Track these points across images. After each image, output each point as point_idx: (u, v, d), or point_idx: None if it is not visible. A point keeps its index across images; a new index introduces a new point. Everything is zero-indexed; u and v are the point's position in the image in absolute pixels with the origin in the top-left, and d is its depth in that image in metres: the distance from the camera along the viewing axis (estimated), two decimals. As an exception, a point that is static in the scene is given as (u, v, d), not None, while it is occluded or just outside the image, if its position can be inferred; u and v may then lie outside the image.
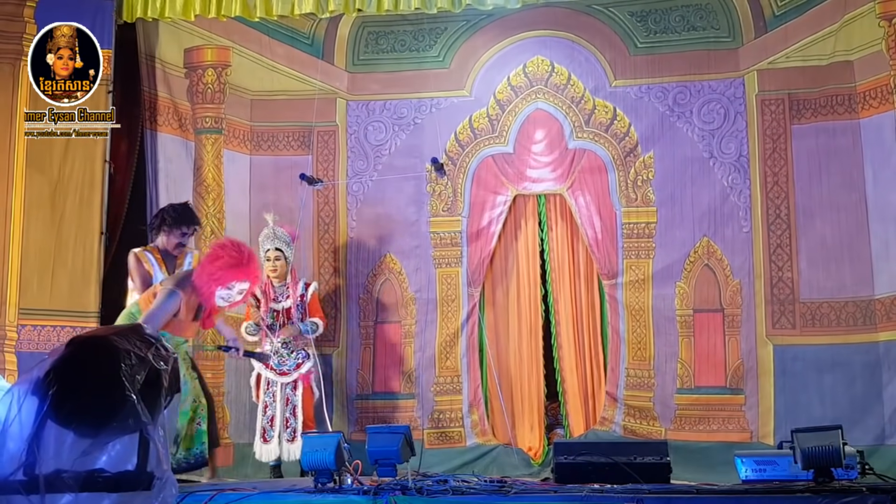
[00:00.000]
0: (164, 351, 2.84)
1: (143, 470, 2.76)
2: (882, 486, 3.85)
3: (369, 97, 6.68)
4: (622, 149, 6.35)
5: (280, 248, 5.98)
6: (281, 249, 5.98)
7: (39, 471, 2.67)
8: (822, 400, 5.86)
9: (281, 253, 5.98)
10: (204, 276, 4.91)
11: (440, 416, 6.32)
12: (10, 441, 2.71)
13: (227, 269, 4.94)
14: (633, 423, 6.10)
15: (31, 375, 2.74)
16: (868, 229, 5.92)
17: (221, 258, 4.96)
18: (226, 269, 4.94)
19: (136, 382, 2.71)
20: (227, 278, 4.96)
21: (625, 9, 6.47)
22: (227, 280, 4.97)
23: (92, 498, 2.68)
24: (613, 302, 6.25)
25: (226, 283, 4.98)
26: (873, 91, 5.95)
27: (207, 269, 4.92)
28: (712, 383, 6.09)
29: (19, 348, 6.06)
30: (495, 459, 6.15)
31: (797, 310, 6.01)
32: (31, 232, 6.20)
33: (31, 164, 6.25)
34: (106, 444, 2.75)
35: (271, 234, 6.00)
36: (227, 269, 4.94)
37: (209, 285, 4.93)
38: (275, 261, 5.98)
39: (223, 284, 4.98)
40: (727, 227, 6.18)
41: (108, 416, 2.70)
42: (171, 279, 5.24)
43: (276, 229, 6.00)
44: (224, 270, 4.94)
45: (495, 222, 6.43)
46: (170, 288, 5.05)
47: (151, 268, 5.56)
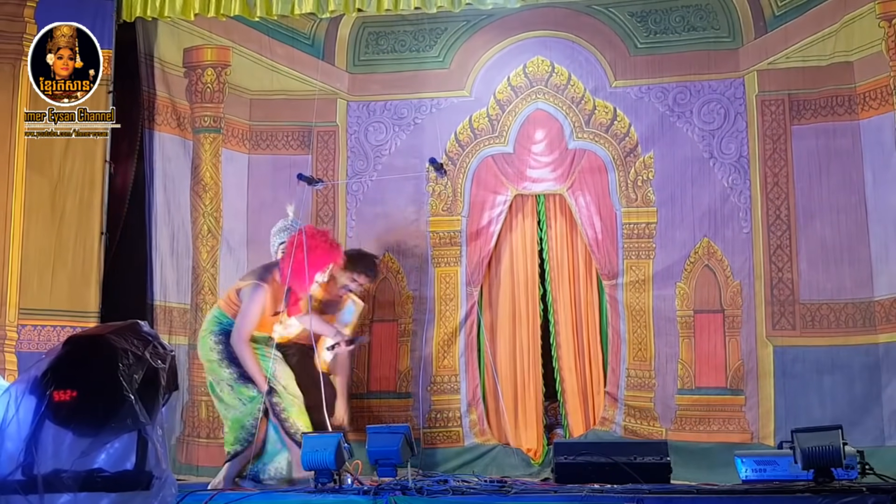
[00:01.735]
0: (161, 349, 2.84)
1: (141, 469, 2.77)
2: (882, 486, 3.85)
3: (370, 98, 6.67)
4: (622, 149, 6.34)
5: None
6: None
7: (38, 471, 2.66)
8: (822, 401, 5.84)
9: None
10: (300, 263, 5.06)
11: (437, 416, 6.31)
12: (8, 441, 2.71)
13: (325, 253, 5.23)
14: (634, 424, 6.09)
15: (29, 375, 2.74)
16: (868, 231, 5.90)
17: (317, 244, 5.20)
18: (324, 253, 5.22)
19: (133, 382, 2.71)
20: (325, 262, 5.23)
21: (625, 9, 6.45)
22: (324, 264, 5.24)
23: (91, 498, 2.68)
24: (614, 302, 6.25)
25: (324, 266, 5.24)
26: (873, 92, 5.93)
27: (312, 258, 5.14)
28: (713, 384, 6.07)
29: (19, 348, 6.06)
30: (494, 459, 6.14)
31: (797, 311, 6.00)
32: (31, 232, 6.20)
33: (31, 165, 6.25)
34: (104, 444, 2.75)
35: (290, 226, 5.84)
36: (324, 253, 5.23)
37: (310, 270, 5.15)
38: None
39: (321, 269, 5.22)
40: (727, 228, 6.17)
41: (107, 415, 2.70)
42: (252, 274, 5.38)
43: (294, 221, 5.86)
44: (322, 255, 5.20)
45: (495, 222, 6.42)
46: (254, 282, 5.20)
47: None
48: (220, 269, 6.47)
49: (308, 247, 5.19)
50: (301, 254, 5.12)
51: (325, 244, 5.36)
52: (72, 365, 2.74)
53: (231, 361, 5.26)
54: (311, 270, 5.18)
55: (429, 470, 5.77)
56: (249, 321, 5.22)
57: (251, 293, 5.21)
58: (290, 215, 5.90)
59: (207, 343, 5.35)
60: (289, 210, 5.91)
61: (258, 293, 5.20)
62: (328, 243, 5.41)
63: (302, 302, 5.43)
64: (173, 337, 6.35)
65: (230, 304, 5.36)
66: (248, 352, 5.21)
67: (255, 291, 5.20)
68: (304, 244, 5.19)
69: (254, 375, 5.21)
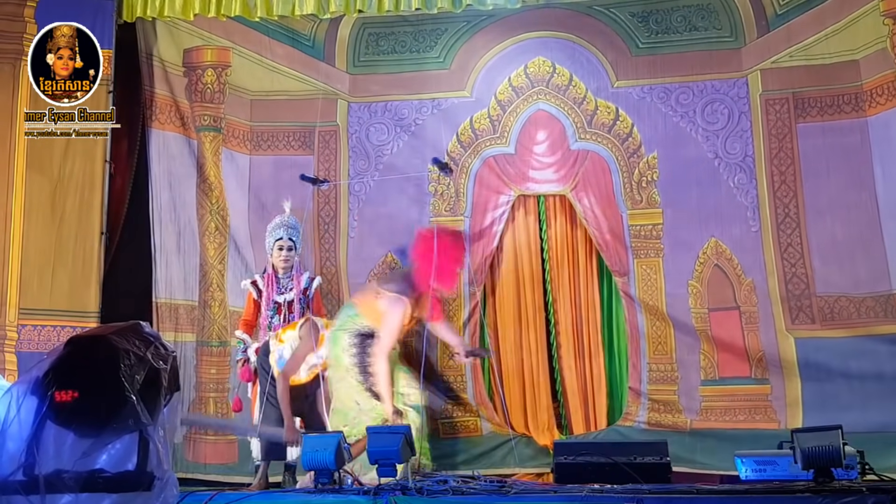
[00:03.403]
0: (163, 350, 2.84)
1: (143, 470, 2.77)
2: (882, 487, 3.85)
3: (370, 99, 6.66)
4: (625, 150, 6.34)
5: (293, 239, 5.82)
6: (294, 240, 5.83)
7: (39, 471, 2.66)
8: (851, 385, 5.78)
9: (293, 243, 5.83)
10: (441, 266, 5.11)
11: (452, 409, 6.29)
12: (10, 441, 2.71)
13: (454, 247, 5.26)
14: (659, 417, 6.06)
15: (31, 375, 2.74)
16: (880, 225, 5.88)
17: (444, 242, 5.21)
18: (453, 247, 5.25)
19: (135, 382, 2.71)
20: (459, 255, 5.27)
21: (626, 9, 6.45)
22: (459, 257, 5.29)
23: (92, 498, 2.68)
24: (628, 298, 6.23)
25: (460, 260, 5.30)
26: (880, 88, 5.93)
27: (446, 257, 5.16)
28: (737, 374, 6.05)
29: (19, 348, 6.06)
30: (511, 450, 6.07)
31: (814, 304, 5.95)
32: (31, 232, 6.19)
33: (31, 165, 6.24)
34: (106, 445, 2.74)
35: (286, 222, 5.84)
36: (454, 247, 5.25)
37: (451, 271, 5.20)
38: (287, 250, 5.80)
39: (459, 263, 5.29)
40: (735, 227, 6.15)
41: (108, 416, 2.70)
42: (392, 282, 5.35)
43: (290, 218, 5.87)
44: (453, 250, 5.24)
45: (498, 222, 6.41)
46: (395, 295, 5.20)
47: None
48: (227, 267, 6.47)
49: (438, 248, 5.18)
50: (435, 258, 5.10)
51: (449, 238, 5.34)
52: (73, 365, 2.74)
53: (364, 370, 5.23)
54: (451, 268, 5.19)
55: (445, 460, 5.78)
56: (393, 337, 5.20)
57: (393, 306, 5.18)
58: (286, 211, 5.89)
59: (342, 342, 5.30)
60: (285, 206, 5.91)
61: (400, 308, 5.18)
62: (450, 236, 5.38)
63: (440, 307, 5.45)
64: (179, 334, 6.33)
65: (371, 309, 5.30)
66: (386, 368, 5.15)
67: (398, 305, 5.18)
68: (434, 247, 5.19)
69: (383, 394, 5.16)
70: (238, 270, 6.40)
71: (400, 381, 5.34)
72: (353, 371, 5.27)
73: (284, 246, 5.80)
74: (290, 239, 5.81)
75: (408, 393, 5.31)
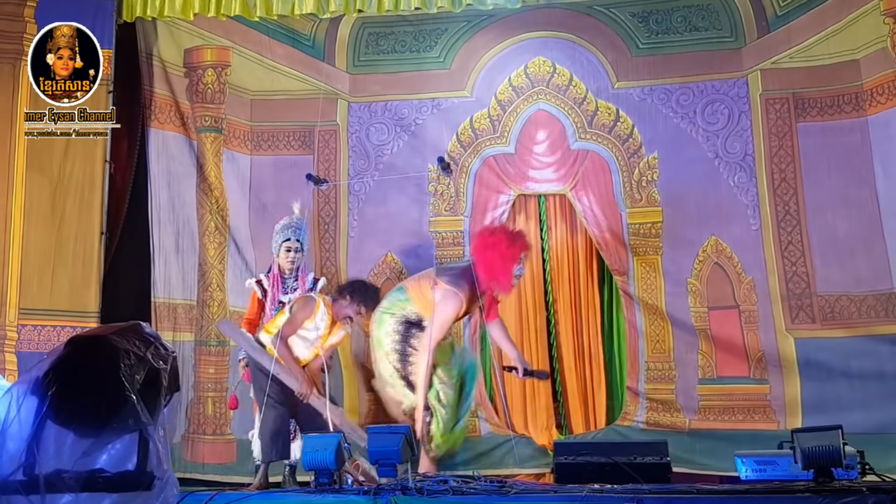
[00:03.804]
0: (163, 350, 2.84)
1: (143, 470, 2.76)
2: (882, 487, 3.84)
3: (370, 98, 6.66)
4: (626, 150, 6.34)
5: (300, 240, 5.81)
6: (301, 241, 5.81)
7: (39, 471, 2.66)
8: (851, 384, 5.79)
9: (300, 245, 5.81)
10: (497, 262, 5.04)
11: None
12: (10, 441, 2.71)
13: (511, 246, 5.13)
14: (657, 416, 6.07)
15: (31, 375, 2.73)
16: (881, 224, 5.88)
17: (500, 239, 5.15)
18: (510, 245, 5.13)
19: (135, 382, 2.70)
20: (516, 253, 5.14)
21: (626, 9, 6.45)
22: (517, 255, 5.15)
23: (92, 498, 2.68)
24: (627, 297, 6.23)
25: (517, 257, 5.15)
26: (880, 87, 5.93)
27: (501, 255, 5.07)
28: (735, 373, 6.05)
29: (19, 348, 6.06)
30: (511, 450, 6.07)
31: (815, 303, 5.96)
32: (31, 232, 6.19)
33: (31, 165, 6.25)
34: (106, 444, 2.74)
35: (294, 224, 5.82)
36: (511, 245, 5.13)
37: (506, 270, 5.08)
38: (295, 252, 5.78)
39: (515, 261, 5.14)
40: (735, 226, 6.15)
41: (108, 415, 2.70)
42: (448, 275, 5.23)
43: (298, 220, 5.84)
44: (510, 248, 5.12)
45: (497, 221, 6.41)
46: (451, 289, 5.11)
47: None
48: (227, 266, 6.47)
49: (492, 245, 5.13)
50: (491, 255, 5.04)
51: (507, 236, 5.26)
52: (73, 365, 2.74)
53: (404, 358, 5.20)
54: (506, 266, 5.09)
55: (444, 461, 5.76)
56: (442, 331, 5.12)
57: (447, 300, 5.09)
58: (295, 212, 5.88)
59: (387, 325, 5.26)
60: (294, 208, 5.89)
61: (454, 302, 5.10)
62: (508, 234, 5.31)
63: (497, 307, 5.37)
64: (177, 334, 6.34)
65: (422, 297, 5.22)
66: (428, 361, 5.08)
67: (452, 300, 5.09)
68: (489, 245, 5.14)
69: (418, 386, 5.12)
70: (238, 270, 6.40)
71: (440, 376, 5.23)
72: (392, 356, 5.23)
73: (292, 247, 5.79)
74: (297, 240, 5.81)
75: (443, 390, 5.23)
